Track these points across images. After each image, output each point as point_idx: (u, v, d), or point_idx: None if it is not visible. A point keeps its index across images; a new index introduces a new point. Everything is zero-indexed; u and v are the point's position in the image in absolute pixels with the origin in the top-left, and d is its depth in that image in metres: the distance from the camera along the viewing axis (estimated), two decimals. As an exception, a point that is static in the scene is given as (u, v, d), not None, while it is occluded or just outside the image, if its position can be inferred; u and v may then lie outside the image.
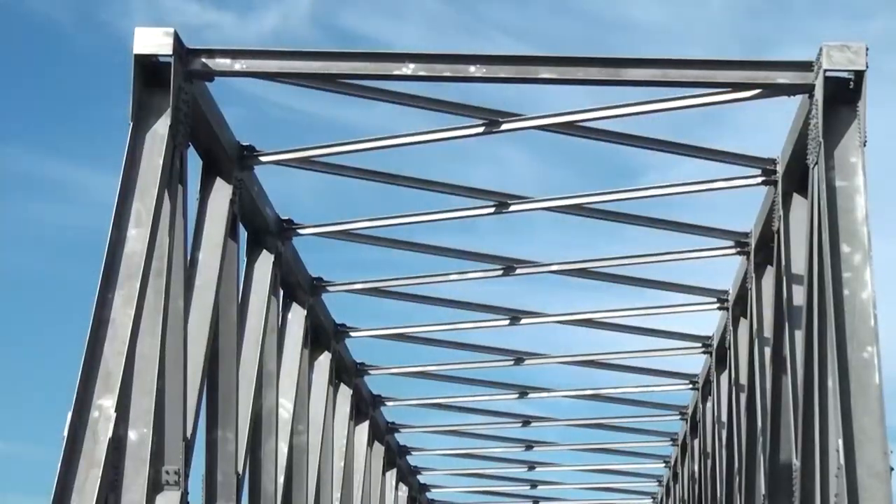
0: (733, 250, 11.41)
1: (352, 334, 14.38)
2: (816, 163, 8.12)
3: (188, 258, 9.32)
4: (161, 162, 8.19)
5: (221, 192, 9.83)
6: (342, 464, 14.99)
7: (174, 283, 8.80)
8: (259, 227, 11.00)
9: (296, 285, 12.43)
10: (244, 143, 9.91)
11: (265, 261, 11.22)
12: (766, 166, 9.75)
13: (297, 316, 12.70)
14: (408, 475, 20.99)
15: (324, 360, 13.95)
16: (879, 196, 8.30)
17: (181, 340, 9.02)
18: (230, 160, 9.72)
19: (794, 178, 9.21)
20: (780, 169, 9.52)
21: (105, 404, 7.53)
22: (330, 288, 12.98)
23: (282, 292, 12.16)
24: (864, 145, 7.89)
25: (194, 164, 9.50)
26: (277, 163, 10.20)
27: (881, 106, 8.27)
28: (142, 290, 7.90)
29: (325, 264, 13.01)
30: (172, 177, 8.45)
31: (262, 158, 10.04)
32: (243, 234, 10.69)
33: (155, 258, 8.20)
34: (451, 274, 12.72)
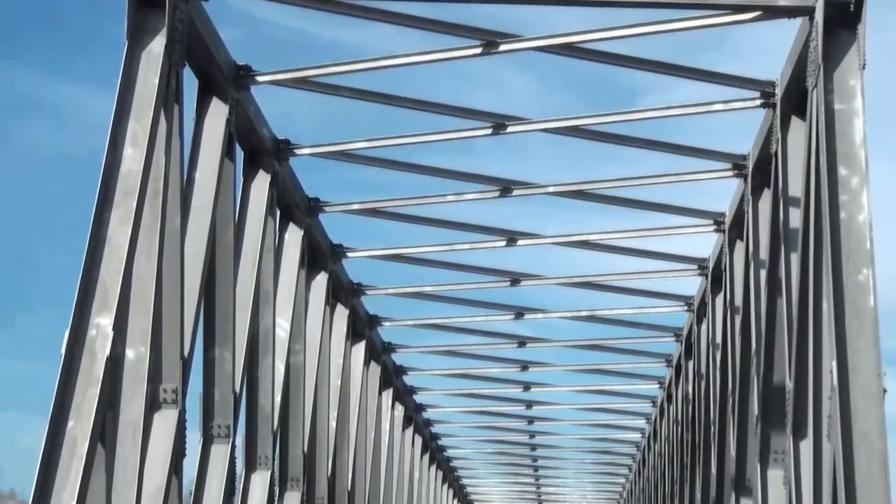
0: (731, 173, 11.40)
1: (349, 255, 14.41)
2: (815, 86, 8.09)
3: (184, 178, 9.31)
4: (157, 82, 8.15)
5: (218, 112, 9.80)
6: (339, 383, 15.08)
7: (171, 202, 8.80)
8: (256, 147, 10.98)
9: (293, 205, 12.42)
10: (241, 63, 9.85)
11: (262, 181, 11.21)
12: (764, 89, 9.71)
13: (293, 236, 12.71)
14: (404, 395, 21.13)
15: (321, 281, 13.99)
16: (878, 120, 8.28)
17: (178, 260, 9.04)
18: (226, 80, 9.67)
19: (793, 100, 9.18)
20: (778, 92, 9.49)
21: (102, 323, 7.56)
22: (327, 208, 12.97)
23: (278, 212, 12.17)
24: (864, 69, 7.85)
25: (191, 84, 9.47)
26: (274, 83, 10.15)
27: (881, 31, 8.21)
28: (138, 209, 7.89)
29: (322, 185, 13.01)
30: (168, 96, 8.42)
31: (259, 78, 9.99)
32: (240, 154, 10.67)
33: (151, 178, 8.19)
34: (448, 195, 12.71)
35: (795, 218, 8.95)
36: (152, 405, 8.70)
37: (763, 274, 10.38)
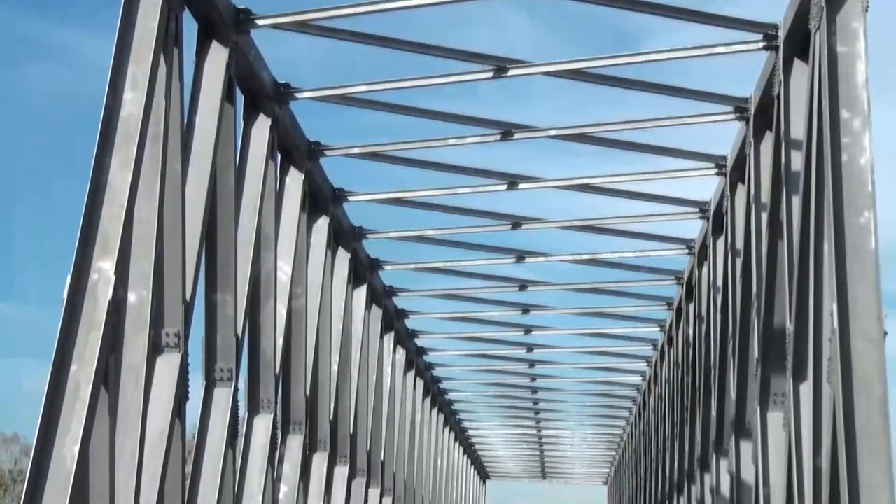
0: (733, 116, 11.37)
1: (350, 198, 14.40)
2: (818, 28, 8.05)
3: (185, 122, 9.29)
4: (156, 25, 8.12)
5: (218, 56, 9.76)
6: (340, 327, 15.12)
7: (171, 147, 8.79)
8: (256, 91, 10.94)
9: (293, 149, 12.40)
10: (240, 7, 9.81)
11: (262, 125, 11.19)
12: (767, 31, 9.67)
13: (294, 180, 12.70)
14: (405, 338, 21.19)
15: (322, 224, 13.99)
16: (880, 63, 8.25)
17: (179, 204, 9.05)
18: (226, 24, 9.63)
19: (796, 43, 9.14)
20: (781, 34, 9.45)
21: (104, 267, 7.57)
22: (328, 152, 12.95)
23: (279, 156, 12.15)
24: (867, 11, 7.81)
25: (191, 28, 9.43)
26: (275, 26, 10.11)
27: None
28: (139, 153, 7.89)
29: (323, 129, 12.98)
30: (168, 41, 8.39)
31: (259, 22, 9.95)
32: (240, 98, 10.65)
33: (151, 122, 8.18)
34: (449, 139, 12.68)
35: (797, 161, 8.93)
36: (155, 349, 8.74)
37: (764, 217, 10.38)
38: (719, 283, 13.40)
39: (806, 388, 8.37)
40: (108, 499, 7.82)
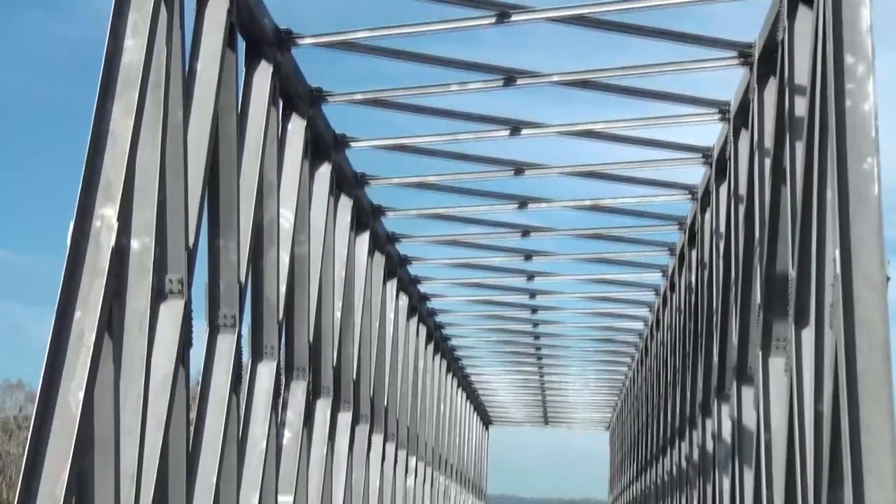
0: (736, 61, 11.32)
1: (352, 145, 14.37)
2: (822, -28, 8.00)
3: (186, 69, 9.26)
4: (157, -30, 8.08)
5: (219, 2, 9.71)
6: (343, 273, 15.14)
7: (173, 93, 8.76)
8: (257, 37, 10.90)
9: (295, 96, 12.36)
10: (241, -49, 9.75)
11: (264, 72, 11.15)
12: (771, -25, 9.61)
13: (296, 127, 12.67)
14: (408, 285, 21.23)
15: (324, 171, 13.97)
16: (884, 8, 8.20)
17: (181, 151, 9.04)
18: (227, -32, 9.57)
19: (800, -13, 9.09)
20: (785, -22, 9.38)
21: (107, 213, 7.57)
22: (330, 99, 12.91)
23: (281, 103, 12.11)
24: (871, -46, 7.76)
25: (191, -28, 9.37)
26: (275, -29, 10.05)
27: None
28: (140, 100, 7.87)
29: (325, 76, 12.93)
30: (169, -15, 8.34)
31: (260, -33, 9.89)
32: (241, 45, 10.60)
33: (153, 69, 8.15)
34: (451, 85, 12.64)
35: (801, 106, 8.91)
36: (158, 295, 8.76)
37: (767, 163, 10.36)
38: (722, 228, 13.41)
39: (808, 334, 8.39)
40: (112, 445, 7.86)
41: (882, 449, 6.90)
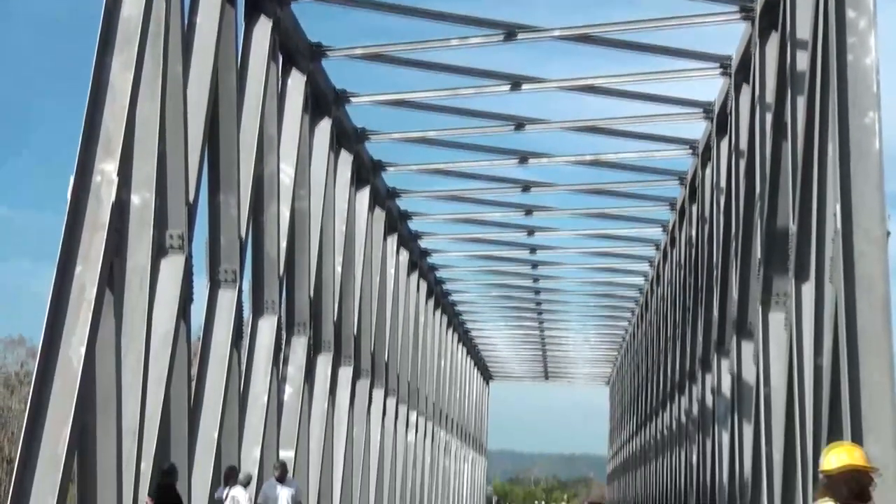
0: (738, 16, 11.27)
1: (352, 100, 14.33)
2: (825, -75, 7.95)
3: (185, 23, 9.22)
4: (156, -77, 8.03)
5: (218, -45, 9.66)
6: (344, 228, 15.14)
7: (172, 47, 8.73)
8: (257, -10, 10.85)
9: (295, 51, 12.32)
10: None
11: (264, 26, 11.10)
12: (773, -71, 9.55)
13: (296, 82, 12.63)
14: (409, 240, 21.23)
15: (324, 126, 13.95)
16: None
17: (181, 106, 9.01)
18: (226, -78, 9.51)
19: (802, -59, 9.04)
20: (787, -69, 9.33)
21: (107, 169, 7.56)
22: (330, 53, 12.86)
23: (281, 58, 12.07)
24: None
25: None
26: (275, -76, 9.99)
27: None
28: (139, 54, 7.84)
29: (325, 32, 12.91)
30: (168, -61, 8.30)
31: (259, -80, 9.82)
32: (241, 0, 10.56)
33: (152, 22, 8.11)
34: (452, 40, 12.59)
35: (802, 61, 8.88)
36: (159, 251, 8.76)
37: (769, 117, 10.34)
38: (723, 183, 13.40)
39: (808, 288, 8.40)
40: (114, 400, 7.89)
41: (881, 403, 6.92)
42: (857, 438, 6.88)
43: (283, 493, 10.12)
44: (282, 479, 10.23)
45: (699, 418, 15.06)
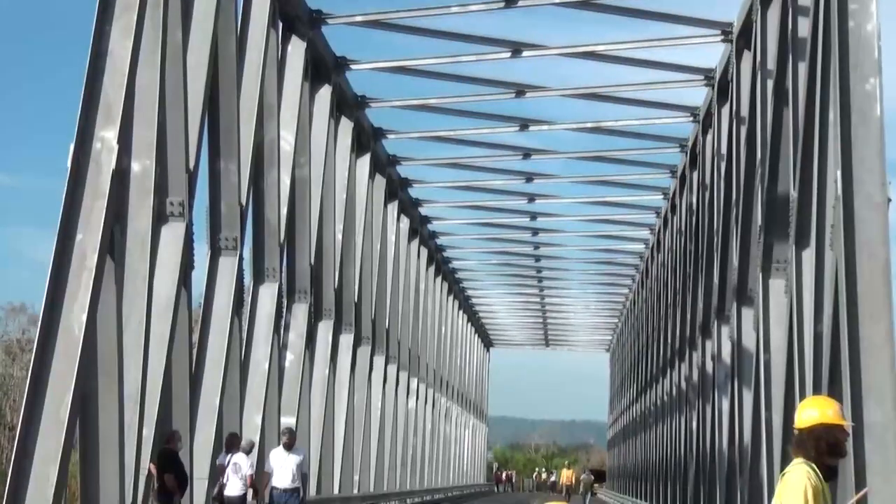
0: (739, -19, 11.23)
1: (352, 67, 14.30)
2: None
3: (185, -11, 9.19)
4: None
5: (217, -79, 9.63)
6: (344, 196, 15.14)
7: (172, 15, 8.71)
8: (256, -43, 10.81)
9: (295, 18, 12.28)
10: None
11: (263, -8, 11.07)
12: None
13: (296, 49, 12.60)
14: (409, 207, 21.22)
15: (325, 93, 13.92)
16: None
17: (181, 73, 9.00)
18: None
19: None
20: None
21: (107, 136, 7.56)
22: (330, 20, 12.82)
23: (281, 25, 12.05)
24: None
25: None
26: None
27: None
28: (139, 21, 7.82)
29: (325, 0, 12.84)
30: None
31: None
32: (241, -36, 10.52)
33: (152, -11, 8.10)
34: (452, 6, 12.56)
35: (804, 27, 8.85)
36: (159, 218, 8.76)
37: (770, 84, 10.31)
38: (723, 150, 13.38)
39: (808, 255, 8.40)
40: (115, 367, 7.91)
41: (881, 369, 6.94)
42: (857, 403, 6.90)
43: (290, 461, 9.92)
44: (289, 447, 9.97)
45: (699, 385, 15.09)
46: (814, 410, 3.52)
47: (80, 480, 8.12)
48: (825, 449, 3.48)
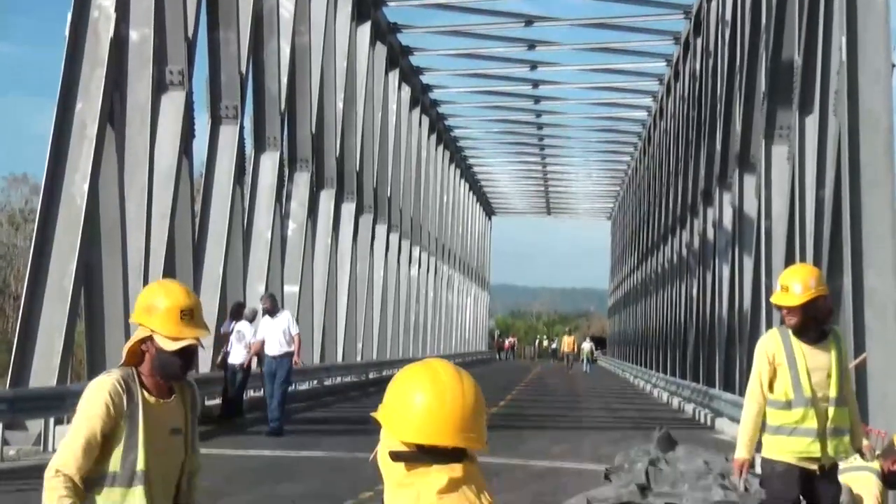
0: None
1: (351, -68, 14.11)
2: None
3: None
4: None
5: None
6: (344, 64, 15.03)
7: None
8: None
9: None
10: None
11: None
12: None
13: (295, -87, 12.41)
14: (410, 76, 21.07)
15: (324, -41, 13.74)
16: None
17: (178, -61, 8.87)
18: None
19: None
20: None
21: (105, 4, 7.48)
22: None
23: None
24: None
25: None
26: None
27: None
28: None
29: None
30: None
31: None
32: None
33: None
34: None
35: None
36: (159, 87, 8.72)
37: (775, -52, 10.17)
38: (728, 16, 13.24)
39: (812, 121, 8.37)
40: (118, 235, 7.94)
41: (882, 236, 6.95)
42: (858, 271, 6.93)
43: (276, 327, 9.34)
44: (272, 313, 9.35)
45: (700, 251, 15.14)
46: (784, 282, 3.58)
47: (86, 350, 8.19)
48: (805, 322, 3.56)
